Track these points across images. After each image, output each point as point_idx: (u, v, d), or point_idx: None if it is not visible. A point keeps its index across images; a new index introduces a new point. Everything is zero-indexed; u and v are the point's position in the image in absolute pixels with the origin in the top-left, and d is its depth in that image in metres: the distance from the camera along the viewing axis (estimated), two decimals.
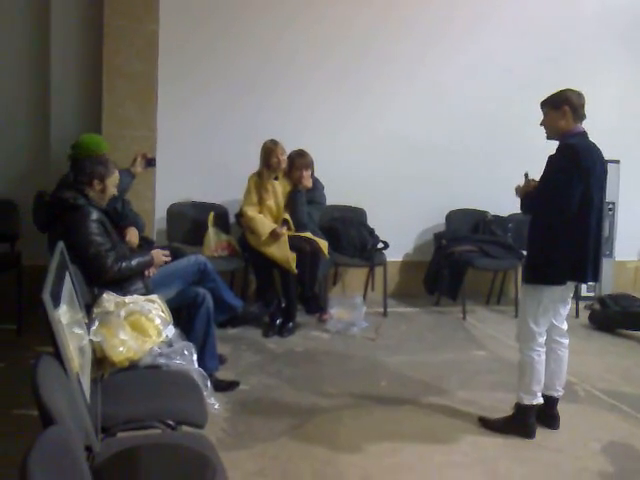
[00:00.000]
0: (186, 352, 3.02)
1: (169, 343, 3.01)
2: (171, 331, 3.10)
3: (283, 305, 4.94)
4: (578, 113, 3.46)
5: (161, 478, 1.88)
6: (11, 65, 4.68)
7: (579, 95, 3.47)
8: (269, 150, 4.84)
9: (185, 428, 2.43)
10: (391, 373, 4.32)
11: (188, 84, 5.05)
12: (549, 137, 3.56)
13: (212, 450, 2.22)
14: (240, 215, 5.02)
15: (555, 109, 3.46)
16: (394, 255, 5.87)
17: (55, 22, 4.47)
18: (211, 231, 4.97)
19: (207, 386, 2.94)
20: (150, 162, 4.21)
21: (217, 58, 5.19)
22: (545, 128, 3.54)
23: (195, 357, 3.08)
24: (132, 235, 3.89)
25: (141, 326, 2.98)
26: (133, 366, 2.81)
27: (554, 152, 3.49)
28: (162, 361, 2.88)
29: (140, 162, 4.12)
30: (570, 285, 3.56)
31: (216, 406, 3.05)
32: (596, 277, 3.56)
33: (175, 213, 5.16)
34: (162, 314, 3.15)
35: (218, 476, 2.03)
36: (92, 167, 3.60)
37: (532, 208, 3.50)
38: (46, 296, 2.03)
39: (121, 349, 2.73)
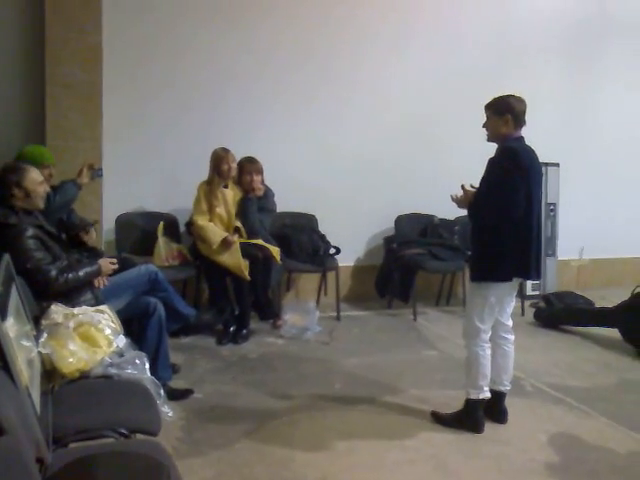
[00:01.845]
0: (138, 361, 3.01)
1: (120, 353, 3.00)
2: (122, 341, 3.08)
3: (236, 312, 4.95)
4: (519, 120, 3.60)
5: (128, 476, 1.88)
6: None
7: (521, 102, 3.60)
8: (220, 157, 4.86)
9: (139, 436, 2.43)
10: (345, 375, 4.38)
11: (133, 94, 5.02)
12: (489, 140, 3.69)
13: (167, 457, 2.23)
14: (190, 224, 5.02)
15: (498, 115, 3.58)
16: (346, 260, 5.95)
17: None
18: (161, 240, 4.95)
19: (160, 395, 2.94)
20: (97, 173, 4.17)
21: (162, 68, 5.17)
22: (487, 131, 3.67)
23: (147, 366, 3.07)
24: (91, 237, 3.87)
25: (91, 337, 2.96)
26: (84, 377, 2.79)
27: (494, 155, 3.62)
28: (113, 371, 2.86)
29: (86, 173, 4.08)
30: (514, 282, 3.68)
31: (170, 414, 3.05)
32: (539, 274, 3.72)
33: (124, 223, 5.12)
34: (112, 324, 3.13)
35: None
36: (4, 178, 3.50)
37: (479, 213, 3.60)
38: None
39: (71, 360, 2.70)
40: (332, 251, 5.62)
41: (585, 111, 6.85)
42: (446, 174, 6.04)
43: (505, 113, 3.56)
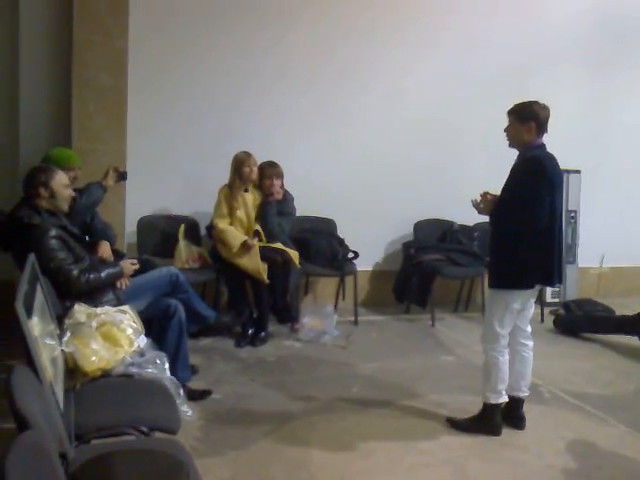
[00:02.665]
0: (158, 361, 3.06)
1: (141, 353, 3.05)
2: (143, 341, 3.14)
3: (255, 315, 4.99)
4: (542, 128, 3.60)
5: (141, 477, 1.92)
6: None
7: (545, 109, 3.60)
8: (241, 160, 4.91)
9: (158, 434, 2.47)
10: (363, 379, 4.39)
11: (157, 98, 5.08)
12: (511, 145, 3.69)
13: (186, 455, 2.27)
14: (211, 227, 5.07)
15: (521, 122, 3.58)
16: (364, 265, 5.96)
17: (23, 37, 4.48)
18: (182, 243, 5.01)
19: (180, 394, 2.98)
20: (122, 176, 4.24)
21: (185, 73, 5.24)
22: (508, 136, 3.67)
23: (167, 366, 3.12)
24: (104, 250, 3.91)
25: (113, 336, 3.02)
26: (105, 375, 2.84)
27: (517, 163, 3.63)
28: (134, 370, 2.91)
29: (112, 175, 4.15)
30: (535, 289, 3.68)
31: (189, 414, 3.08)
32: (560, 280, 3.72)
33: (145, 226, 5.18)
34: (134, 324, 3.19)
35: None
36: (33, 177, 3.60)
37: (501, 221, 3.60)
38: (19, 306, 2.06)
39: (93, 359, 2.76)
40: (350, 256, 5.63)
41: (607, 117, 6.81)
42: (466, 180, 6.05)
43: (529, 120, 3.55)
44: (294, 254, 5.07)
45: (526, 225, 3.48)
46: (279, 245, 5.04)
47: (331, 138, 5.84)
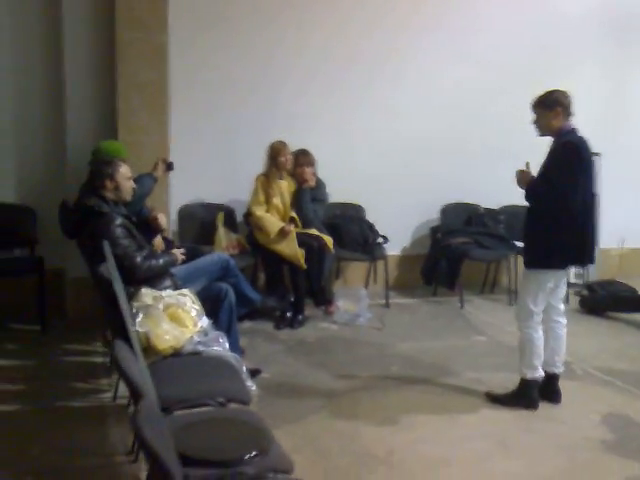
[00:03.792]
0: (221, 340, 3.25)
1: (205, 332, 3.25)
2: (205, 321, 3.33)
3: (292, 299, 5.17)
4: (568, 111, 3.77)
5: (232, 441, 2.11)
6: (27, 78, 4.86)
7: (566, 94, 3.77)
8: (277, 149, 5.08)
9: (232, 405, 2.66)
10: (400, 358, 4.58)
11: (195, 91, 5.25)
12: (541, 134, 3.84)
13: (264, 423, 2.46)
14: (249, 214, 5.25)
15: (548, 110, 3.74)
16: (392, 249, 6.12)
17: (68, 36, 4.63)
18: (221, 230, 5.19)
19: (242, 370, 3.17)
20: (169, 166, 4.42)
21: (222, 67, 5.41)
22: (537, 126, 3.83)
23: (227, 345, 3.31)
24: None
25: (178, 317, 3.21)
26: (176, 354, 3.04)
27: (553, 148, 3.78)
28: (201, 348, 3.11)
29: (161, 167, 4.34)
30: (567, 270, 3.86)
31: (253, 388, 3.27)
32: (593, 260, 3.89)
33: (185, 214, 5.37)
34: (195, 306, 3.38)
35: (274, 443, 2.28)
36: (100, 170, 3.82)
37: (537, 200, 3.76)
38: (118, 286, 2.25)
39: (167, 337, 2.95)
40: (380, 240, 5.80)
41: (625, 101, 6.91)
42: (491, 165, 6.24)
43: (555, 106, 3.72)
44: (328, 239, 5.24)
45: (561, 208, 3.64)
46: (314, 231, 5.22)
47: (360, 128, 5.99)
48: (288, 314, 5.12)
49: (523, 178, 3.80)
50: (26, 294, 4.77)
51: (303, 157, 5.26)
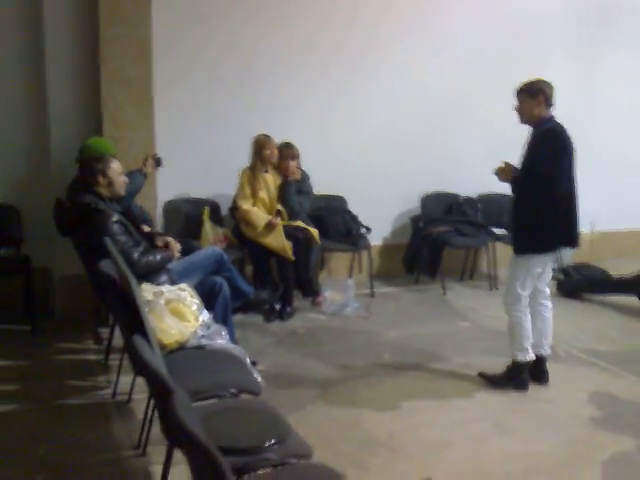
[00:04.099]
0: (223, 333, 3.30)
1: (207, 326, 3.28)
2: (206, 315, 3.37)
3: (281, 291, 5.22)
4: (550, 101, 3.90)
5: (252, 430, 2.18)
6: (9, 75, 4.79)
7: (549, 84, 3.92)
8: (262, 143, 5.12)
9: (244, 396, 2.72)
10: (390, 346, 4.68)
11: (179, 86, 5.24)
12: (522, 121, 3.97)
13: (277, 411, 2.52)
14: (235, 208, 5.27)
15: (531, 97, 3.87)
16: (374, 239, 6.19)
17: (49, 31, 4.59)
18: (207, 225, 5.20)
19: (247, 362, 3.22)
20: (158, 162, 4.42)
21: (205, 63, 5.42)
22: (519, 113, 3.95)
23: (228, 338, 3.36)
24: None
25: (180, 312, 3.25)
26: (180, 348, 3.07)
27: (534, 136, 3.90)
28: (205, 342, 3.15)
29: (150, 162, 4.33)
30: (553, 254, 3.99)
31: (259, 379, 3.31)
32: (578, 242, 4.03)
33: (170, 210, 5.37)
34: (195, 300, 3.42)
35: (291, 430, 2.35)
36: (92, 167, 3.83)
37: (523, 191, 3.88)
38: (133, 282, 2.28)
39: (173, 332, 2.98)
40: (363, 231, 5.89)
41: (593, 89, 7.09)
42: (468, 154, 6.38)
43: (538, 94, 3.86)
44: (314, 231, 5.30)
45: (547, 194, 3.77)
46: (300, 223, 5.28)
47: (341, 119, 6.04)
48: (277, 306, 5.17)
49: (505, 173, 3.91)
50: (12, 294, 4.74)
51: (287, 150, 5.30)
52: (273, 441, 2.19)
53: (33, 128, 4.88)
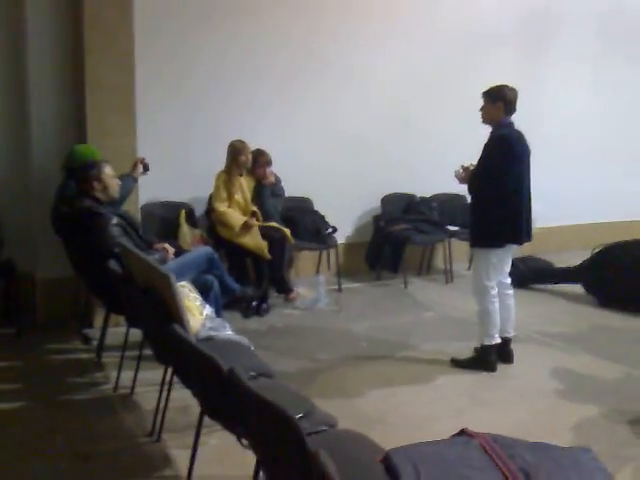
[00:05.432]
0: (226, 325, 3.54)
1: (211, 319, 3.52)
2: (208, 309, 3.60)
3: (264, 287, 5.47)
4: (509, 107, 4.29)
5: (285, 403, 2.43)
6: None
7: (513, 91, 4.30)
8: (238, 149, 5.35)
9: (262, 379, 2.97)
10: (364, 336, 5.00)
11: (152, 93, 5.39)
12: (484, 122, 4.37)
13: (296, 389, 2.79)
14: (211, 210, 5.49)
15: (492, 102, 4.27)
16: (338, 238, 6.52)
17: (31, 38, 4.67)
18: (184, 227, 5.40)
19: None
20: (146, 167, 4.60)
21: (181, 71, 5.65)
22: (481, 114, 4.34)
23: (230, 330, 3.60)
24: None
25: (186, 306, 3.45)
26: None
27: (489, 140, 4.31)
28: (213, 333, 3.37)
29: (139, 167, 4.51)
30: (510, 247, 4.40)
31: None
32: (529, 238, 4.44)
33: (147, 212, 5.51)
34: (197, 296, 3.64)
35: (314, 404, 2.62)
36: (86, 173, 4.01)
37: (477, 189, 4.29)
38: (173, 277, 2.51)
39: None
40: (330, 230, 6.20)
41: (537, 92, 7.58)
42: (424, 157, 6.82)
43: (497, 100, 4.25)
44: (287, 231, 5.58)
45: (495, 194, 4.17)
46: (274, 224, 5.54)
47: (306, 125, 6.35)
48: (254, 303, 5.41)
49: (466, 176, 4.30)
50: None
51: (261, 157, 5.57)
52: (301, 414, 2.45)
53: (14, 132, 4.96)
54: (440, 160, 6.83)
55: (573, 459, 1.86)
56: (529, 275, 6.60)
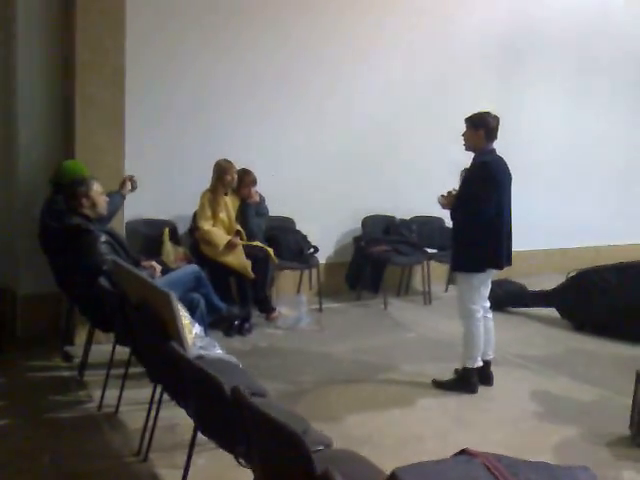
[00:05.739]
0: (215, 344, 3.55)
1: (201, 338, 3.53)
2: (198, 328, 3.61)
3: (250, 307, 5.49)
4: (491, 135, 4.41)
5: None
6: None
7: (495, 119, 4.42)
8: (224, 169, 5.39)
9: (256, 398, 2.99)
10: (346, 357, 5.05)
11: (138, 111, 5.40)
12: (466, 148, 4.47)
13: (291, 409, 2.82)
14: (195, 229, 5.50)
15: (474, 129, 4.38)
16: (318, 258, 6.59)
17: (21, 53, 4.69)
18: (168, 245, 5.40)
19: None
20: (133, 185, 4.61)
21: (166, 91, 5.69)
22: (464, 140, 4.45)
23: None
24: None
25: None
26: None
27: (471, 166, 4.42)
28: (203, 352, 3.38)
29: (128, 184, 4.51)
30: (490, 272, 4.49)
31: None
32: (509, 263, 4.54)
33: (131, 230, 5.49)
34: (186, 314, 3.65)
35: (309, 424, 2.66)
36: (74, 189, 4.01)
37: (458, 214, 4.40)
38: (174, 297, 2.54)
39: None
40: (312, 250, 6.26)
41: (507, 115, 7.82)
42: (403, 181, 6.95)
43: (479, 128, 4.36)
44: (271, 251, 5.62)
45: (475, 220, 4.28)
46: (258, 243, 5.58)
47: (288, 147, 6.43)
48: (236, 322, 5.42)
49: (449, 201, 4.39)
50: None
51: (247, 177, 5.62)
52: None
53: (0, 146, 4.93)
54: (420, 183, 7.01)
55: (573, 478, 1.92)
56: (505, 298, 6.71)
